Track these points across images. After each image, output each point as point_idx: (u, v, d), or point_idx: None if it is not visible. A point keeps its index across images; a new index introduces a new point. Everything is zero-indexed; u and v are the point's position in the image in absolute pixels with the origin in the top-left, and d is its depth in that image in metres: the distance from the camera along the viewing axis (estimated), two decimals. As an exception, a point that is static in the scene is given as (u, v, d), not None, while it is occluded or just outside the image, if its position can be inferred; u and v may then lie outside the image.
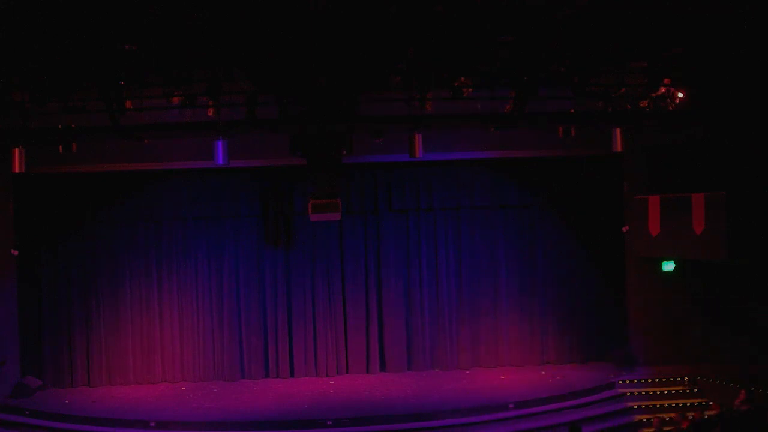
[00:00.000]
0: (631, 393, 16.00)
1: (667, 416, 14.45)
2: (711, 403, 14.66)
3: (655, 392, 16.02)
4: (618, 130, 13.32)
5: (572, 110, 13.45)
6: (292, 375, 17.85)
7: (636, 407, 15.57)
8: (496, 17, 10.89)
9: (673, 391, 16.06)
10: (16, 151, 12.83)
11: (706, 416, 12.99)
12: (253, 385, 17.35)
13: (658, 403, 15.66)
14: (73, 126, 12.92)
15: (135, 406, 15.80)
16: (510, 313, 18.16)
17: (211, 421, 14.90)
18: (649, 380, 16.39)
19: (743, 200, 14.56)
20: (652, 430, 13.13)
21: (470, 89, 12.85)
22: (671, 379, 16.36)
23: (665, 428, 12.89)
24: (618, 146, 13.40)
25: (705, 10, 11.05)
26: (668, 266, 17.13)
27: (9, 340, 16.79)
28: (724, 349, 16.31)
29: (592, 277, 18.12)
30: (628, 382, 16.37)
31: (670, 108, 12.95)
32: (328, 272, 18.00)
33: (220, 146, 12.59)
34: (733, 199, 14.62)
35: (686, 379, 16.32)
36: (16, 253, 16.87)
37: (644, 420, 15.06)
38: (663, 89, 12.87)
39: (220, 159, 12.62)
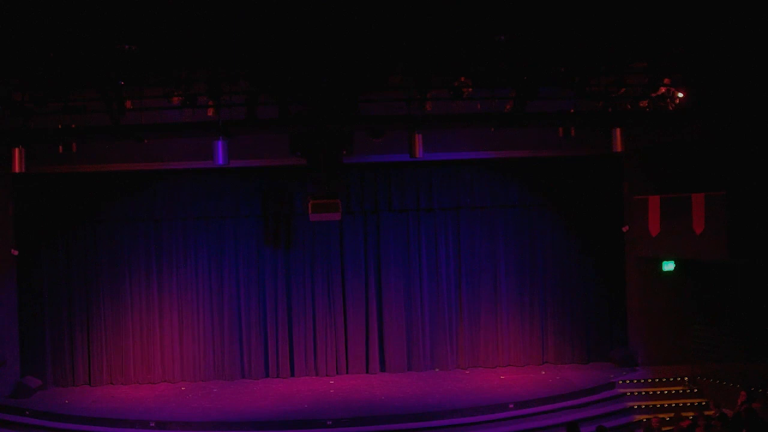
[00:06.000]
0: (631, 393, 16.00)
1: (666, 416, 14.42)
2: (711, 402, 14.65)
3: (655, 392, 16.02)
4: (618, 130, 13.30)
5: (572, 110, 13.44)
6: (292, 375, 17.86)
7: (636, 407, 15.56)
8: (496, 16, 10.88)
9: (673, 391, 16.05)
10: (16, 151, 12.82)
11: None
12: (253, 385, 17.34)
13: (658, 403, 15.65)
14: (73, 126, 12.92)
15: (135, 406, 15.79)
16: (510, 312, 18.16)
17: (211, 421, 14.90)
18: (649, 380, 16.39)
19: (743, 200, 14.55)
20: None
21: (470, 89, 12.85)
22: (671, 379, 16.36)
23: (664, 428, 12.85)
24: (618, 146, 13.39)
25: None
26: (668, 266, 17.13)
27: (9, 340, 16.79)
28: (724, 349, 16.29)
29: (591, 277, 18.12)
30: (628, 382, 16.37)
31: (670, 108, 12.94)
32: (328, 272, 18.00)
33: (220, 146, 12.57)
34: (733, 199, 14.61)
35: (686, 379, 16.32)
36: (16, 253, 16.89)
37: (644, 420, 15.05)
38: (663, 89, 12.87)
39: (220, 159, 12.61)
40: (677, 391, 16.09)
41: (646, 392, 16.03)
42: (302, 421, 14.80)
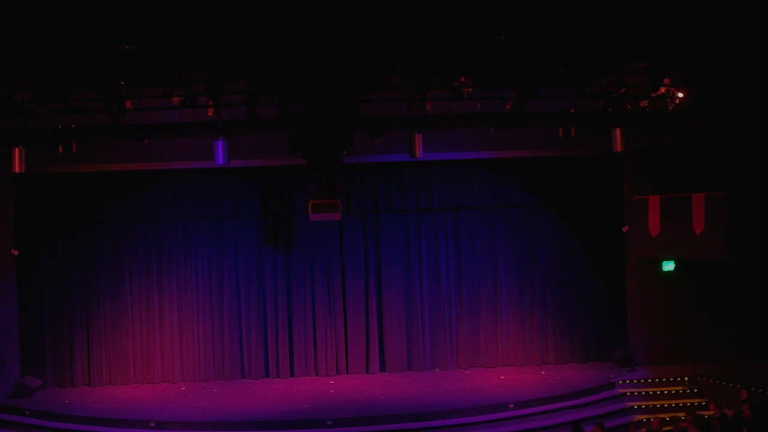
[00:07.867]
0: (631, 393, 16.00)
1: (666, 416, 14.42)
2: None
3: (655, 392, 16.02)
4: (618, 130, 13.31)
5: (572, 110, 13.45)
6: (292, 375, 17.86)
7: (636, 407, 15.57)
8: (496, 16, 10.88)
9: (673, 391, 16.06)
10: (16, 151, 12.82)
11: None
12: (253, 385, 17.35)
13: (658, 403, 15.65)
14: (73, 126, 12.92)
15: (135, 406, 15.80)
16: (510, 312, 18.17)
17: (211, 421, 14.90)
18: (649, 380, 16.40)
19: (743, 200, 14.55)
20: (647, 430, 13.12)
21: (470, 89, 12.86)
22: (671, 379, 16.36)
23: (665, 428, 12.86)
24: (618, 146, 13.39)
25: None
26: (668, 266, 17.14)
27: (9, 340, 16.81)
28: (724, 349, 16.31)
29: (591, 277, 18.13)
30: (628, 382, 16.38)
31: (670, 108, 12.94)
32: (328, 272, 18.00)
33: (220, 146, 12.57)
34: (733, 199, 14.61)
35: (686, 379, 16.32)
36: (16, 253, 16.90)
37: (644, 420, 15.06)
38: (663, 89, 12.87)
39: (220, 159, 12.61)
40: (677, 391, 16.10)
41: (646, 392, 16.04)
42: (302, 421, 14.81)
